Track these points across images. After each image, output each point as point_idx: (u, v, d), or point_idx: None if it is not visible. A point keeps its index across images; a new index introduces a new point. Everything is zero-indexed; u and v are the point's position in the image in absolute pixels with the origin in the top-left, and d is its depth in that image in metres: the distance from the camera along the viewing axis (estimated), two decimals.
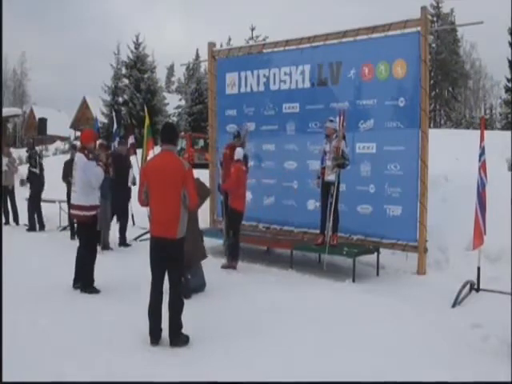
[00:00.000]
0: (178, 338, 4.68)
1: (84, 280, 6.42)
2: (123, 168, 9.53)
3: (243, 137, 8.76)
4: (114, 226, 9.70)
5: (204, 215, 9.27)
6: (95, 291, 6.35)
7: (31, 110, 54.02)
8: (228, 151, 8.58)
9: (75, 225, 7.79)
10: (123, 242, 9.57)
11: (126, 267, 7.57)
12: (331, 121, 7.69)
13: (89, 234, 6.52)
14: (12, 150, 15.10)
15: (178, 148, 27.32)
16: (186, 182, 4.63)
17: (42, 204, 11.40)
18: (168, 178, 4.61)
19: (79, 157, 6.55)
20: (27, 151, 12.09)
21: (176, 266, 4.75)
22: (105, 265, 6.90)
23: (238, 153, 8.03)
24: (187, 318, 4.87)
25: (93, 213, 6.46)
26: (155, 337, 4.69)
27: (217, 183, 9.74)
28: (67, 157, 11.93)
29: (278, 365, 4.30)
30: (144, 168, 4.93)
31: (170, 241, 4.63)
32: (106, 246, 8.95)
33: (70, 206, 6.78)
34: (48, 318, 5.32)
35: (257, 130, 9.42)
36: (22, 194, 12.73)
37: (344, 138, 7.56)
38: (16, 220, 11.82)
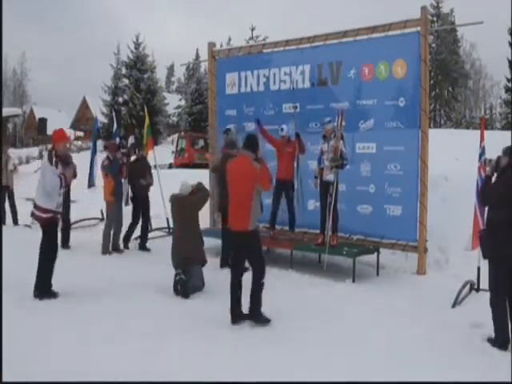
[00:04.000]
0: (260, 316, 5.26)
1: (38, 284, 5.98)
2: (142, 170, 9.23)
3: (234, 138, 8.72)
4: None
5: (204, 215, 9.26)
6: (53, 296, 5.96)
7: (31, 110, 54.02)
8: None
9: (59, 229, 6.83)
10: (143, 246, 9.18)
11: (128, 268, 7.58)
12: (329, 122, 7.71)
13: (44, 236, 6.15)
14: (12, 150, 15.01)
15: (178, 148, 27.34)
16: (259, 179, 5.34)
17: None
18: (243, 178, 5.36)
19: (45, 158, 6.25)
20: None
21: (255, 253, 5.43)
22: (111, 266, 6.90)
23: None
24: (186, 317, 4.87)
25: (47, 215, 6.05)
26: (235, 316, 5.25)
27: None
28: None
29: (277, 364, 4.30)
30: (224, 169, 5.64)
31: (243, 232, 5.35)
32: (116, 248, 8.83)
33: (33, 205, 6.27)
34: (48, 317, 5.32)
35: (257, 129, 9.40)
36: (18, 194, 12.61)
37: (342, 137, 7.56)
38: (15, 220, 11.78)
